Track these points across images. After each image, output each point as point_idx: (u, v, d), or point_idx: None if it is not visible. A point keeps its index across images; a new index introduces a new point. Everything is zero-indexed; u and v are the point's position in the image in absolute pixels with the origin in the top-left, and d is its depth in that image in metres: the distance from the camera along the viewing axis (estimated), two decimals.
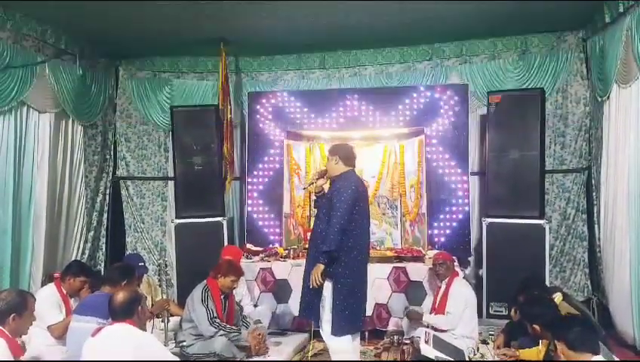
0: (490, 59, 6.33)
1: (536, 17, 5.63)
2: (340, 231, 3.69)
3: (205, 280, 4.50)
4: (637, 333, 4.54)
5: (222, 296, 4.38)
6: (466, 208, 5.87)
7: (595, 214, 5.68)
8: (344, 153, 4.02)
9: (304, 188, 4.18)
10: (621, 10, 4.74)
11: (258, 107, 6.33)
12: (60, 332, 3.93)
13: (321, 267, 3.73)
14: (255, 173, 6.26)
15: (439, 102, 6.00)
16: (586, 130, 6.05)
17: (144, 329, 3.16)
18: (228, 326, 4.28)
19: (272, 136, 6.27)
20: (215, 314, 4.24)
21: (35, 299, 3.27)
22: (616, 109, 5.01)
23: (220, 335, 4.23)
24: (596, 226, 5.65)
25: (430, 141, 5.96)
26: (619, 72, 4.83)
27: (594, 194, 5.76)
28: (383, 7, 5.14)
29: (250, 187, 6.28)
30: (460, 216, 5.87)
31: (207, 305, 4.24)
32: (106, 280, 3.98)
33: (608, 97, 5.17)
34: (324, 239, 3.71)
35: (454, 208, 5.89)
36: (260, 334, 4.43)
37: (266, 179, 6.24)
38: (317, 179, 4.13)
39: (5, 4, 4.98)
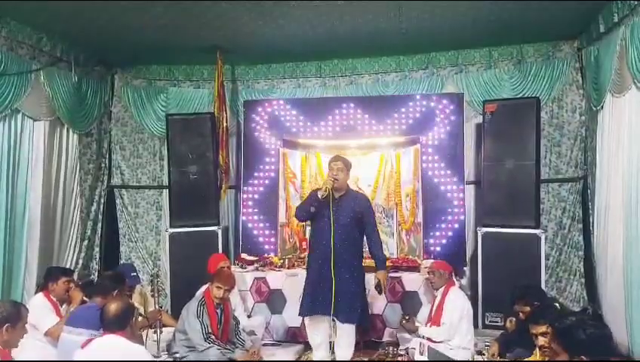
0: (485, 68, 6.35)
1: (532, 27, 5.64)
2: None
3: (203, 293, 4.42)
4: (631, 343, 4.52)
5: (217, 310, 4.31)
6: (462, 217, 5.85)
7: (591, 224, 5.67)
8: (350, 167, 4.53)
9: (323, 197, 4.29)
10: (616, 20, 4.76)
11: (254, 115, 6.31)
12: (59, 334, 3.87)
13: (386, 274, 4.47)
14: (250, 181, 6.23)
15: (435, 111, 5.99)
16: (581, 139, 6.06)
17: (138, 342, 3.12)
18: (222, 344, 4.21)
19: (267, 145, 6.25)
20: (210, 330, 4.16)
21: (28, 311, 3.22)
22: (610, 119, 5.02)
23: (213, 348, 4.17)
24: (592, 236, 5.63)
25: (426, 150, 5.95)
26: (613, 82, 4.84)
27: (590, 203, 5.75)
28: (380, 12, 5.13)
29: (245, 196, 6.24)
30: (456, 226, 5.85)
31: (202, 320, 4.16)
32: (97, 290, 3.93)
33: (602, 107, 5.18)
34: (380, 248, 4.46)
35: (450, 217, 5.86)
36: (254, 352, 4.36)
37: (262, 188, 6.21)
38: (331, 188, 4.34)
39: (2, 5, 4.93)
